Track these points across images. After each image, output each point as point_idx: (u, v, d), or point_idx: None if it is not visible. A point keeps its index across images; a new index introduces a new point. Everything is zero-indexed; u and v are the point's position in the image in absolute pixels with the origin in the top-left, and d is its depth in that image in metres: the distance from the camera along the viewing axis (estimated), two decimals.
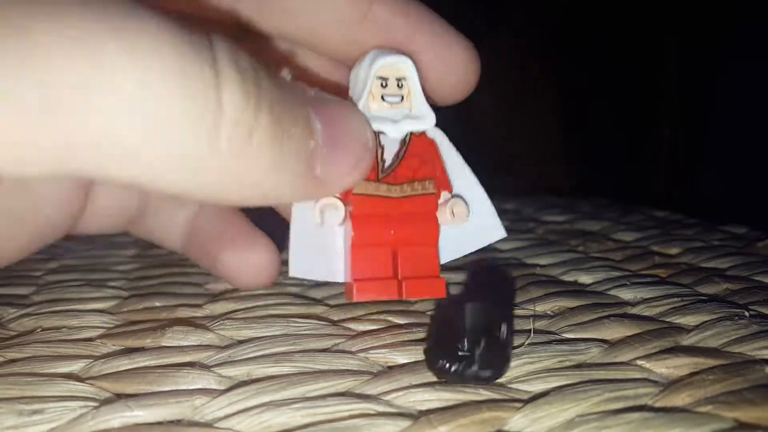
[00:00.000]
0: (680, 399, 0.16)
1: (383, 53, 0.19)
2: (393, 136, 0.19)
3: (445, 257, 0.20)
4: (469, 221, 0.20)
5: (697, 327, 0.21)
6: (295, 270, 0.19)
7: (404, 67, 0.19)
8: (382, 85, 0.19)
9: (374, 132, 0.18)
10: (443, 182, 0.19)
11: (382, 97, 0.19)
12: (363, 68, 0.19)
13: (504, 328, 0.18)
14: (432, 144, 0.19)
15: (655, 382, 0.17)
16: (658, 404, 0.16)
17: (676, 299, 0.24)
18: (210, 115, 0.13)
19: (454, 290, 0.25)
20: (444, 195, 0.19)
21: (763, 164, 0.60)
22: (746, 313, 0.22)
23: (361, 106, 0.18)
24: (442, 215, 0.19)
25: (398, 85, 0.19)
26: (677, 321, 0.22)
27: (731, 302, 0.23)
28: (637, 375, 0.18)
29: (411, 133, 0.19)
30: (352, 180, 0.17)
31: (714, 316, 0.22)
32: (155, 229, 0.25)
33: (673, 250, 0.31)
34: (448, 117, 0.20)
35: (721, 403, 0.16)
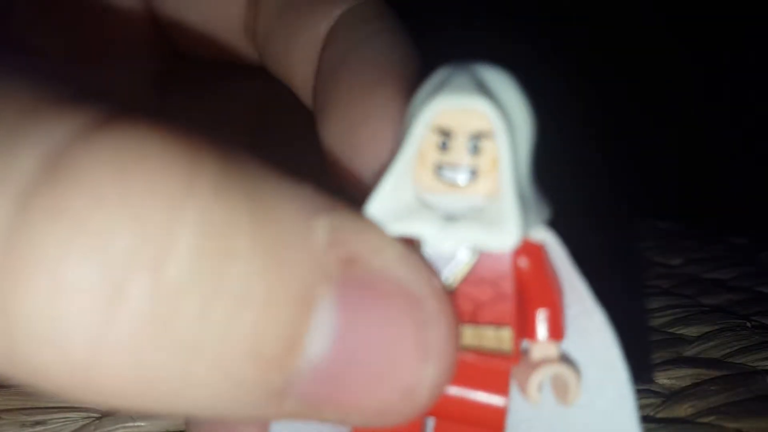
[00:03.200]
0: (682, 410, 0.16)
1: (456, 78, 0.10)
2: (438, 249, 0.10)
3: (521, 430, 0.11)
4: (583, 400, 0.11)
5: (699, 338, 0.21)
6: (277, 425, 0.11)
7: (485, 115, 0.09)
8: (440, 145, 0.10)
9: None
10: (553, 323, 0.10)
11: (438, 168, 0.10)
12: (417, 102, 0.10)
13: None
14: (537, 257, 0.10)
15: (657, 393, 0.17)
16: (660, 415, 0.16)
17: (678, 310, 0.23)
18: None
19: None
20: (543, 347, 0.11)
21: (764, 174, 0.60)
22: (748, 324, 0.22)
23: (392, 178, 0.10)
24: (528, 386, 0.10)
25: (472, 148, 0.10)
26: (679, 332, 0.22)
27: (733, 313, 0.23)
28: (640, 386, 0.18)
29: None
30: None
31: (716, 327, 0.22)
32: None
33: (676, 261, 0.31)
34: None
35: (724, 414, 0.16)
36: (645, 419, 0.16)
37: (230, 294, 0.08)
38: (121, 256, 0.08)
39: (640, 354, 0.20)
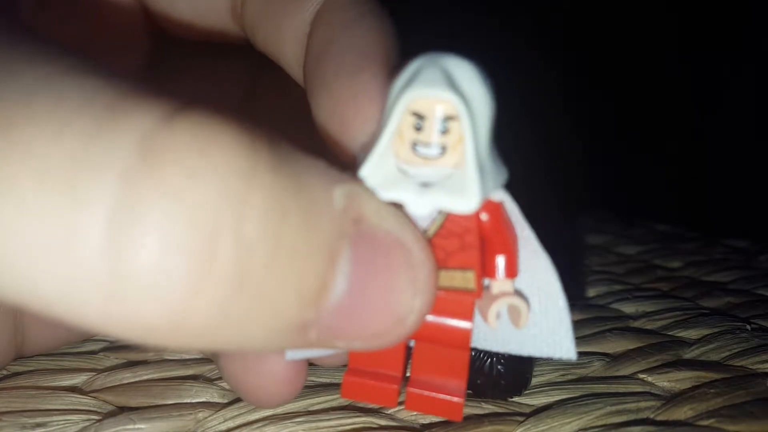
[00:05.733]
0: (682, 412, 0.16)
1: (426, 71, 0.12)
2: (413, 212, 0.12)
3: (483, 345, 0.14)
4: (531, 322, 0.14)
5: (698, 340, 0.21)
6: (292, 352, 0.14)
7: (452, 103, 0.12)
8: (415, 126, 0.12)
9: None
10: (509, 265, 0.13)
11: (414, 145, 0.12)
12: (395, 89, 0.12)
13: None
14: (495, 213, 0.13)
15: (656, 396, 0.17)
16: (659, 418, 0.16)
17: (677, 313, 0.24)
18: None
19: None
20: (501, 284, 0.13)
21: (764, 177, 0.60)
22: (748, 327, 0.22)
23: (378, 153, 0.12)
24: (489, 315, 0.13)
25: (442, 130, 0.12)
26: (679, 334, 0.22)
27: (733, 316, 0.23)
28: (639, 388, 0.18)
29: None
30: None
31: (716, 330, 0.22)
32: None
33: (675, 264, 0.31)
34: None
35: (723, 417, 0.16)
36: (644, 422, 0.16)
37: (285, 248, 0.10)
38: (212, 220, 0.09)
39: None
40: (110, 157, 0.09)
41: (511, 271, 0.13)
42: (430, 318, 0.13)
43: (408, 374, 0.14)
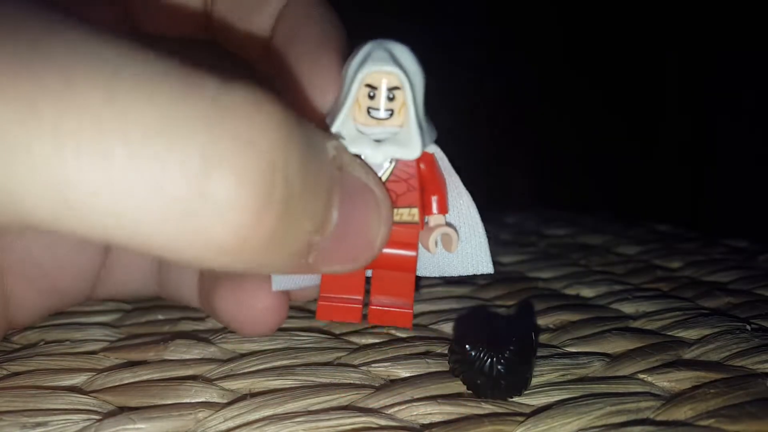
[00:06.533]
0: (682, 413, 0.16)
1: (376, 52, 0.15)
2: (372, 162, 0.16)
3: (425, 273, 0.19)
4: (459, 247, 0.18)
5: (698, 341, 0.21)
6: (277, 284, 0.19)
7: (396, 76, 0.15)
8: (369, 95, 0.16)
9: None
10: (441, 204, 0.17)
11: (368, 110, 0.16)
12: (352, 67, 0.16)
13: (532, 341, 0.18)
14: (430, 163, 0.17)
15: (656, 396, 0.17)
16: (659, 418, 0.16)
17: (677, 313, 0.24)
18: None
19: (472, 303, 0.25)
20: (436, 219, 0.17)
21: (764, 177, 0.60)
22: (748, 327, 0.22)
23: (342, 117, 0.16)
24: (428, 243, 0.17)
25: (389, 97, 0.16)
26: (679, 335, 0.22)
27: (733, 316, 0.23)
28: (639, 389, 0.18)
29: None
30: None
31: (716, 330, 0.22)
32: (175, 289, 0.24)
33: (675, 264, 0.31)
34: (446, 126, 0.18)
35: (723, 417, 0.16)
36: (644, 422, 0.16)
37: (307, 186, 0.13)
38: (270, 163, 0.12)
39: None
40: (195, 113, 0.12)
41: (443, 208, 0.17)
42: (385, 250, 0.16)
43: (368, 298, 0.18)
